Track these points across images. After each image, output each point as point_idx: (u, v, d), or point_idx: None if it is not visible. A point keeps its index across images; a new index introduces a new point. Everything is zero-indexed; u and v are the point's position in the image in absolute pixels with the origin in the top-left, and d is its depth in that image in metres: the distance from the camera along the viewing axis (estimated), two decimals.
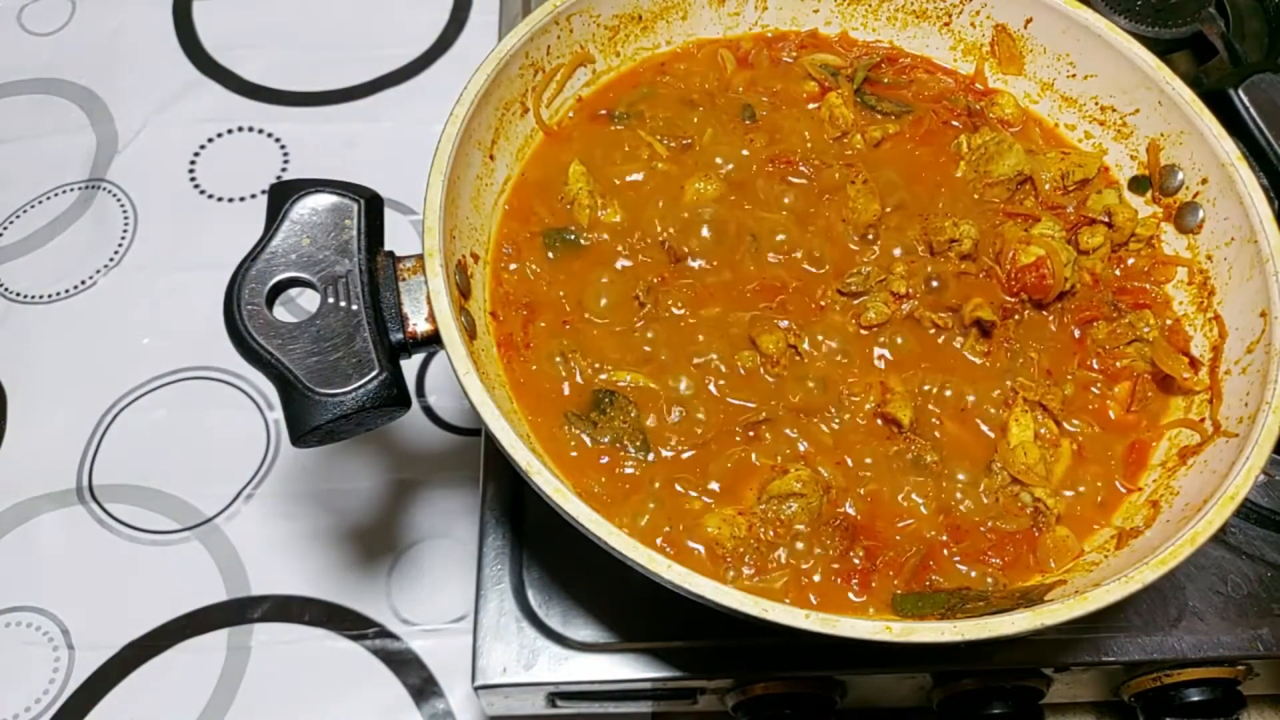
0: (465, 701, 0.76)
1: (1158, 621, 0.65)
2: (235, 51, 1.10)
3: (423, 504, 0.84)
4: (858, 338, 0.66)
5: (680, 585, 0.50)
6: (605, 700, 0.67)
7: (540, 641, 0.64)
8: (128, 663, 0.77)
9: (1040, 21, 0.76)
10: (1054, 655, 0.65)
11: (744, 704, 0.65)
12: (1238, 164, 0.66)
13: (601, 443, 0.61)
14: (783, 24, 0.81)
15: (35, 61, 1.09)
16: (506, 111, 0.70)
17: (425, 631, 0.79)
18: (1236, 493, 0.54)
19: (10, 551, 0.82)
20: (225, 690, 0.76)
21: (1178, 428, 0.65)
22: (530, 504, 0.68)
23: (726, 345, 0.65)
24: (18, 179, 1.01)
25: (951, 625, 0.50)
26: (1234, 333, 0.65)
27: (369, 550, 0.82)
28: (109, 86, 1.07)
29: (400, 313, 0.59)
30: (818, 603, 0.58)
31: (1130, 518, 0.62)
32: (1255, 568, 0.68)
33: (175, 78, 1.08)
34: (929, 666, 0.65)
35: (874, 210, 0.70)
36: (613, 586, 0.64)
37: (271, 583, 0.81)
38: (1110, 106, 0.74)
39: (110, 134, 1.04)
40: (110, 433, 0.87)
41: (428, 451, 0.86)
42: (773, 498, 0.60)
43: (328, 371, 0.56)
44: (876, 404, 0.64)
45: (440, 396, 0.88)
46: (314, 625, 0.79)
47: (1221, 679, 0.66)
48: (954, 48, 0.80)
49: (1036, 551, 0.61)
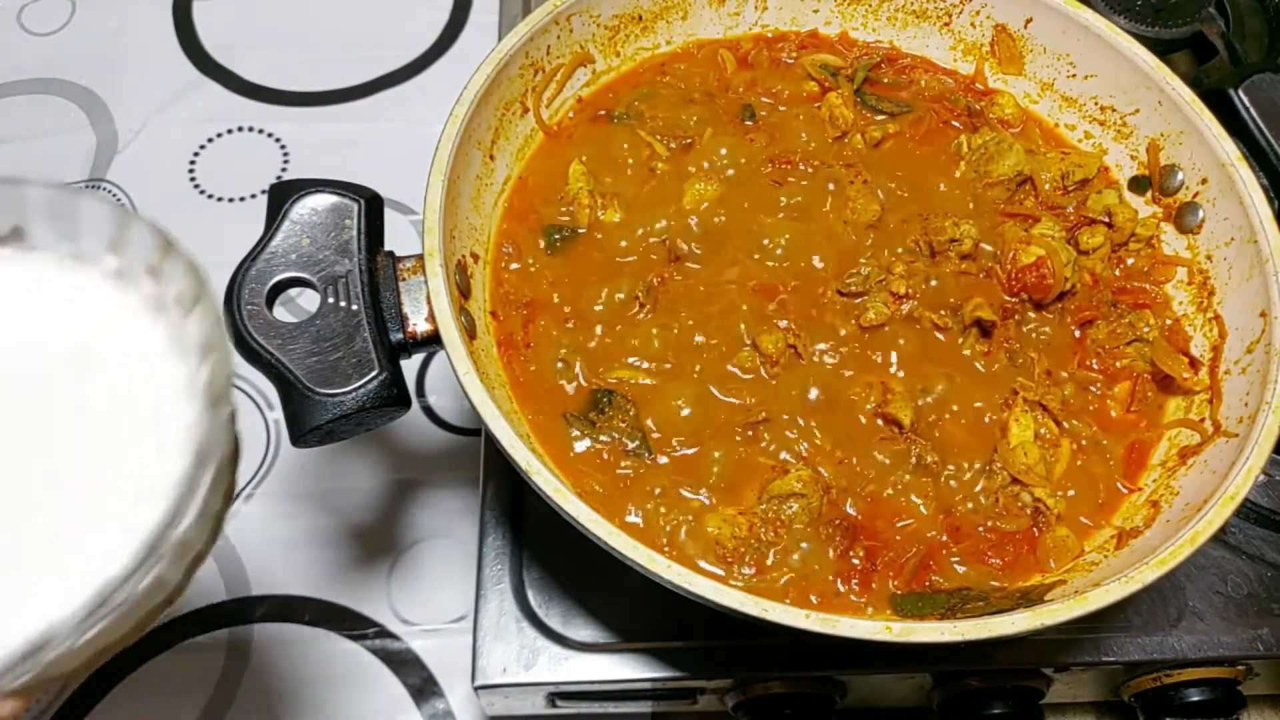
0: (465, 701, 0.76)
1: (1158, 621, 0.65)
2: (235, 51, 1.10)
3: (423, 504, 0.84)
4: (858, 338, 0.66)
5: (680, 585, 0.50)
6: (605, 700, 0.67)
7: (540, 641, 0.64)
8: (128, 663, 0.77)
9: (1040, 21, 0.76)
10: (1054, 655, 0.65)
11: (744, 704, 0.65)
12: (1238, 164, 0.66)
13: (601, 442, 0.61)
14: (783, 24, 0.81)
15: (35, 61, 1.09)
16: (506, 111, 0.70)
17: (425, 631, 0.79)
18: (1236, 493, 0.54)
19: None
20: (225, 690, 0.76)
21: (1178, 428, 0.65)
22: (530, 504, 0.68)
23: (726, 345, 0.65)
24: None
25: (951, 625, 0.50)
26: (1234, 333, 0.65)
27: (369, 550, 0.82)
28: (109, 86, 1.07)
29: (400, 313, 0.59)
30: (818, 603, 0.58)
31: (1130, 518, 0.62)
32: (1255, 568, 0.68)
33: (175, 78, 1.08)
34: (929, 666, 0.65)
35: (874, 210, 0.70)
36: (613, 586, 0.64)
37: (271, 583, 0.81)
38: (1110, 106, 0.74)
39: (110, 134, 1.04)
40: None
41: (428, 451, 0.86)
42: (773, 498, 0.60)
43: (328, 371, 0.56)
44: (877, 404, 0.64)
45: (440, 396, 0.88)
46: (314, 625, 0.79)
47: (1221, 679, 0.66)
48: (954, 48, 0.80)
49: (1036, 551, 0.61)
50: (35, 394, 0.41)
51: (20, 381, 0.41)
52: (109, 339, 0.43)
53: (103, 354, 0.42)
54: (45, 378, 0.42)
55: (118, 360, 0.42)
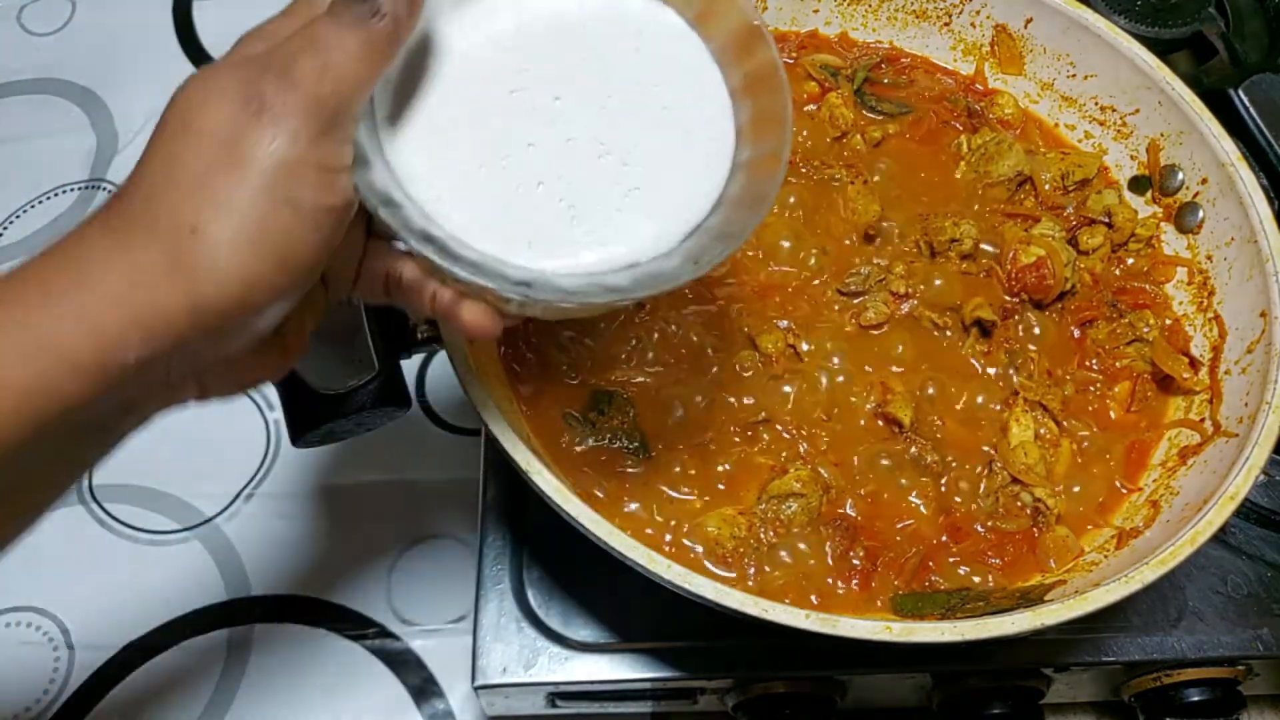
0: (465, 701, 0.76)
1: (1158, 621, 0.65)
2: None
3: (423, 504, 0.84)
4: (858, 338, 0.66)
5: (680, 585, 0.50)
6: (605, 700, 0.67)
7: (540, 641, 0.64)
8: (128, 663, 0.77)
9: (1040, 21, 0.76)
10: (1054, 655, 0.65)
11: (744, 704, 0.65)
12: (1238, 164, 0.66)
13: (601, 443, 0.61)
14: (783, 24, 0.81)
15: (35, 61, 1.08)
16: None
17: (425, 631, 0.79)
18: (1236, 493, 0.54)
19: (10, 551, 0.82)
20: (225, 690, 0.76)
21: (1178, 428, 0.65)
22: (530, 504, 0.68)
23: (726, 345, 0.65)
24: (18, 179, 1.01)
25: (951, 625, 0.50)
26: (1234, 333, 0.65)
27: (369, 550, 0.82)
28: (109, 86, 1.07)
29: (400, 313, 0.59)
30: (818, 603, 0.58)
31: (1130, 518, 0.62)
32: (1255, 568, 0.68)
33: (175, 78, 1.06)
34: (929, 666, 0.65)
35: (874, 210, 0.70)
36: (613, 586, 0.64)
37: (271, 583, 0.80)
38: (1110, 106, 0.74)
39: (110, 134, 1.03)
40: None
41: (428, 451, 0.86)
42: (773, 498, 0.60)
43: (327, 371, 0.56)
44: (876, 404, 0.64)
45: (440, 396, 0.88)
46: (314, 625, 0.79)
47: (1221, 679, 0.66)
48: (954, 48, 0.80)
49: (1036, 551, 0.61)
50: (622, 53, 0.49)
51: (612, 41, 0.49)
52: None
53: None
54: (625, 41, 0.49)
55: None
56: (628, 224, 0.46)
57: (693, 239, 0.47)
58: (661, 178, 0.47)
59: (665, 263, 0.46)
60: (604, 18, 0.49)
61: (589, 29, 0.48)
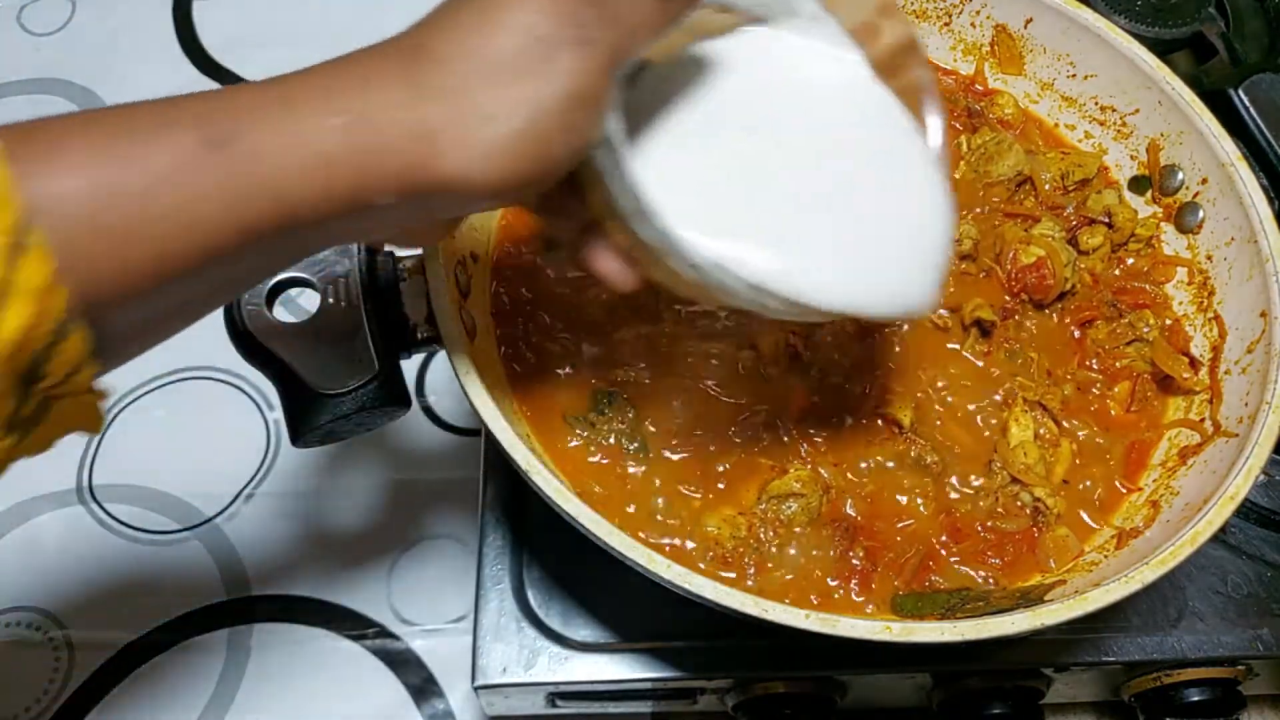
0: (465, 701, 0.76)
1: (1158, 621, 0.65)
2: (235, 52, 1.10)
3: (423, 504, 0.84)
4: (857, 338, 0.66)
5: (680, 585, 0.50)
6: (605, 700, 0.67)
7: (540, 641, 0.64)
8: (128, 663, 0.77)
9: (1040, 21, 0.76)
10: (1054, 655, 0.65)
11: (744, 704, 0.65)
12: (1238, 164, 0.66)
13: (601, 443, 0.61)
14: None
15: (35, 61, 1.08)
16: None
17: (425, 631, 0.79)
18: (1236, 493, 0.54)
19: (10, 551, 0.82)
20: (225, 690, 0.76)
21: (1178, 428, 0.65)
22: (530, 504, 0.68)
23: (726, 345, 0.65)
24: None
25: (951, 625, 0.50)
26: (1234, 333, 0.65)
27: (369, 550, 0.82)
28: (109, 86, 1.07)
29: (400, 312, 0.59)
30: (818, 603, 0.58)
31: (1130, 518, 0.62)
32: (1255, 568, 0.68)
33: (175, 78, 1.08)
34: (929, 666, 0.65)
35: None
36: (613, 586, 0.64)
37: (271, 583, 0.80)
38: (1110, 106, 0.74)
39: None
40: (110, 432, 0.87)
41: (428, 451, 0.86)
42: (773, 498, 0.60)
43: (328, 371, 0.56)
44: (876, 404, 0.64)
45: (440, 396, 0.88)
46: (314, 625, 0.79)
47: (1221, 679, 0.66)
48: (954, 48, 0.80)
49: (1036, 551, 0.61)
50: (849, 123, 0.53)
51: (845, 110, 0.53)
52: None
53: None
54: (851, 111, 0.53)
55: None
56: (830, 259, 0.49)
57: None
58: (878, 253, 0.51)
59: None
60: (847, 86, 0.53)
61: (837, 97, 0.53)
